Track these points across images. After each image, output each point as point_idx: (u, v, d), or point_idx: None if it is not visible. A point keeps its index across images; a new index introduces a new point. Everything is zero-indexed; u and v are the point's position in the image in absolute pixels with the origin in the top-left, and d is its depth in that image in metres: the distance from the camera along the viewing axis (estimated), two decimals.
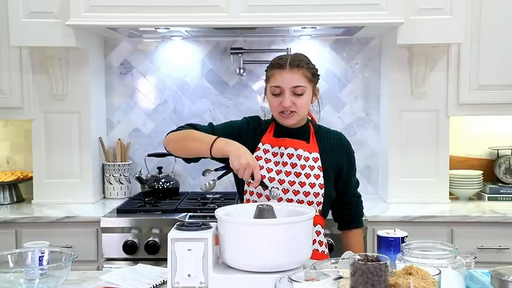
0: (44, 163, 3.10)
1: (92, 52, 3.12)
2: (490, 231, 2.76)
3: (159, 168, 3.24)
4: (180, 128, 2.05)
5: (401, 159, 3.06)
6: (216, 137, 1.90)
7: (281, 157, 2.04)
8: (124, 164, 3.29)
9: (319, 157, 2.06)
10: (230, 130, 2.08)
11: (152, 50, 3.35)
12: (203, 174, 1.85)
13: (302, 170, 2.02)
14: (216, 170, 1.89)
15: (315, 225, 2.03)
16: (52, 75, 3.02)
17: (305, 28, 2.96)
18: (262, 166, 2.03)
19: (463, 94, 2.98)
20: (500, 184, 3.19)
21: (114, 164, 3.27)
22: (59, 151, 3.10)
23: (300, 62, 2.00)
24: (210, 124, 2.13)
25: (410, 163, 3.06)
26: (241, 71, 3.27)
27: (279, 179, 2.02)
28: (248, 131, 2.10)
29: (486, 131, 3.34)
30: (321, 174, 2.04)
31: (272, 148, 2.06)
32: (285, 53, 3.19)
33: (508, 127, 3.32)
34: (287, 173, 2.02)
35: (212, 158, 1.93)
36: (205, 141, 1.89)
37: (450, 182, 3.10)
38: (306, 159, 2.04)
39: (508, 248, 2.75)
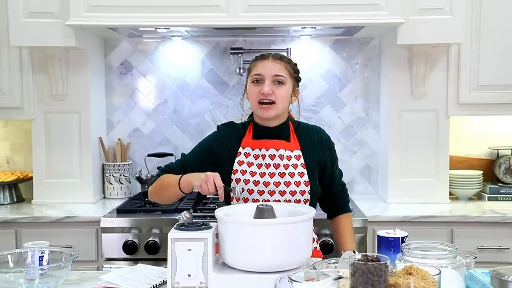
0: (44, 163, 3.10)
1: (92, 52, 3.12)
2: (490, 231, 2.76)
3: (159, 168, 3.23)
4: (157, 177, 2.11)
5: (401, 159, 3.06)
6: (180, 176, 1.96)
7: (263, 159, 2.04)
8: (124, 164, 3.29)
9: (301, 154, 2.06)
10: (200, 151, 2.12)
11: (152, 50, 3.35)
12: (178, 219, 1.81)
13: (286, 169, 2.02)
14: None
15: None
16: (52, 75, 3.02)
17: (305, 28, 2.96)
18: (245, 170, 2.03)
19: (463, 94, 2.98)
20: (500, 184, 3.19)
21: (114, 164, 3.27)
22: (59, 151, 3.10)
23: (283, 57, 2.06)
24: (182, 155, 2.16)
25: (410, 163, 3.06)
26: (241, 71, 3.27)
27: (264, 181, 2.01)
28: (220, 140, 2.10)
29: (486, 131, 3.34)
30: (305, 171, 2.04)
31: (253, 150, 2.06)
32: (285, 53, 3.20)
33: (508, 127, 3.32)
34: (271, 175, 2.02)
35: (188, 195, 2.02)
36: (174, 185, 1.96)
37: (450, 182, 3.10)
38: (288, 158, 2.04)
39: (508, 248, 2.75)
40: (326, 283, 1.31)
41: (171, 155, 3.33)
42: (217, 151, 2.08)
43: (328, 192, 2.17)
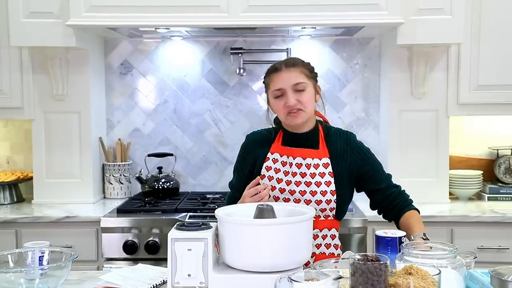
0: (44, 163, 3.10)
1: (92, 52, 3.12)
2: (490, 231, 2.76)
3: (159, 168, 3.24)
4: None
5: (401, 159, 3.06)
6: None
7: (290, 167, 2.03)
8: (124, 164, 3.29)
9: (329, 162, 2.03)
10: (241, 167, 2.13)
11: (152, 50, 3.35)
12: None
13: (312, 178, 2.00)
14: None
15: (329, 228, 2.03)
16: (52, 75, 3.02)
17: (305, 28, 2.96)
18: (272, 176, 2.03)
19: (463, 94, 2.99)
20: (500, 184, 3.19)
21: (114, 164, 3.27)
22: (59, 151, 3.10)
23: (295, 61, 2.02)
24: (231, 186, 2.19)
25: (410, 163, 3.06)
26: (241, 71, 3.27)
27: (290, 189, 2.01)
28: (251, 148, 2.11)
29: (486, 131, 3.34)
30: (332, 180, 2.01)
31: (281, 157, 2.05)
32: (285, 53, 3.20)
33: (508, 127, 3.32)
34: (297, 183, 2.01)
35: None
36: None
37: (450, 182, 3.10)
38: (316, 166, 2.01)
39: (508, 248, 2.75)
40: (326, 283, 1.32)
41: (171, 155, 3.33)
42: (251, 157, 2.10)
43: (381, 196, 2.09)
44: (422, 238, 1.87)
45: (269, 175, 2.03)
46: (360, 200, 3.11)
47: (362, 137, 3.34)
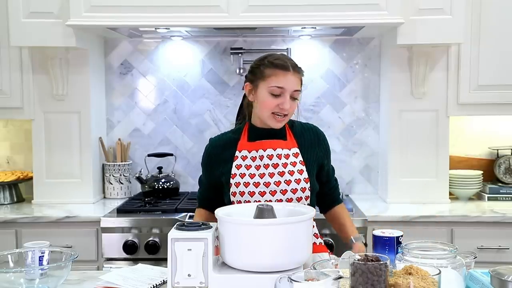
0: (44, 163, 3.10)
1: (92, 52, 3.12)
2: (490, 231, 2.76)
3: (159, 168, 3.24)
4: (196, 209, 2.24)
5: (401, 159, 3.06)
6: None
7: (261, 160, 2.03)
8: (124, 164, 3.29)
9: (299, 152, 2.06)
10: (205, 171, 2.16)
11: (152, 50, 3.35)
12: None
13: (285, 168, 2.02)
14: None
15: None
16: (52, 75, 3.02)
17: (305, 28, 2.96)
18: (244, 173, 2.02)
19: (463, 94, 2.99)
20: (500, 184, 3.19)
21: (114, 164, 3.27)
22: (59, 151, 3.10)
23: (300, 69, 2.05)
24: (199, 186, 2.23)
25: (410, 163, 3.06)
26: (241, 71, 3.27)
27: (264, 182, 2.00)
28: (212, 153, 2.12)
29: (486, 131, 3.34)
30: (304, 168, 2.04)
31: (250, 153, 2.05)
32: (285, 53, 3.20)
33: (508, 127, 3.32)
34: (271, 175, 2.01)
35: None
36: None
37: (450, 182, 3.10)
38: (287, 156, 2.04)
39: (508, 248, 2.75)
40: (326, 283, 1.32)
41: (171, 155, 3.33)
42: (214, 161, 2.10)
43: (325, 187, 2.18)
44: (363, 242, 2.10)
45: (241, 173, 2.03)
46: (360, 200, 3.12)
47: (362, 137, 3.35)
